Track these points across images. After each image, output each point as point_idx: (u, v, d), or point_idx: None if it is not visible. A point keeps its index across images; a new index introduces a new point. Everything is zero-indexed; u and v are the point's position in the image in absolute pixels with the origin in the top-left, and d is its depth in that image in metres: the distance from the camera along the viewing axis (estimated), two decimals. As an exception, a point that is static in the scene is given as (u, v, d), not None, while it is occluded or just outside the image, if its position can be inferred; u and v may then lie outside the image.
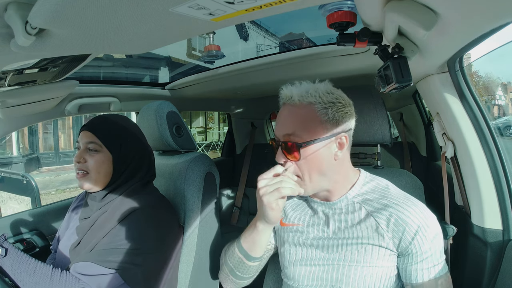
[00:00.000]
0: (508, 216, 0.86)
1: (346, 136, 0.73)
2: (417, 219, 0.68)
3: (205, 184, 1.08)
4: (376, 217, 0.71)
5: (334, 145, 0.72)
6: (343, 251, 0.73)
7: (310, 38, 4.95)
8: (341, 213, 0.76)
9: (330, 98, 0.71)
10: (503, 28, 0.54)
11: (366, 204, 0.74)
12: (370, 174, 0.82)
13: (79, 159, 0.89)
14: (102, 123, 0.93)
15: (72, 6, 0.44)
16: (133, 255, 0.81)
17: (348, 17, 0.68)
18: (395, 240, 0.69)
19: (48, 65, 0.85)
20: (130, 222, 0.84)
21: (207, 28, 0.61)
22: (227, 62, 1.45)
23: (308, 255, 0.78)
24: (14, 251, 0.76)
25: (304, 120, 0.70)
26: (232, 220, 2.27)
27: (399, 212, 0.69)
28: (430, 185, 1.59)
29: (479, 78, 12.34)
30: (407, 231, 0.67)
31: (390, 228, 0.69)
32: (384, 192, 0.76)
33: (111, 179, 0.91)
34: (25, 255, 0.77)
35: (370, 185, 0.78)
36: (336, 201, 0.77)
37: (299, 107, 0.71)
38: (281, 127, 0.73)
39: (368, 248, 0.70)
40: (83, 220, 0.92)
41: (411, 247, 0.67)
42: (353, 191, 0.77)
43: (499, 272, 0.84)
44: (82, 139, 0.91)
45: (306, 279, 0.77)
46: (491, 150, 0.87)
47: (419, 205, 0.71)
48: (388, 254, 0.70)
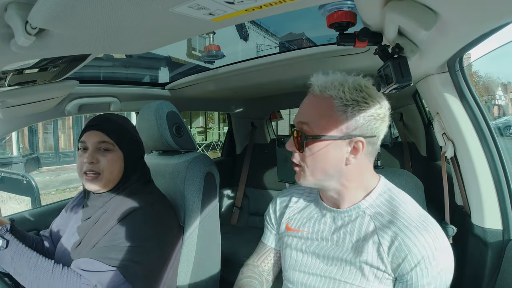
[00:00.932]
0: (508, 216, 0.86)
1: (363, 142, 0.64)
2: (424, 249, 0.60)
3: (205, 184, 1.08)
4: (380, 236, 0.64)
5: (348, 148, 0.65)
6: (341, 266, 0.68)
7: (310, 38, 4.94)
8: (349, 223, 0.70)
9: (355, 95, 0.63)
10: (503, 28, 0.54)
11: (376, 219, 0.67)
12: (390, 183, 0.74)
13: (92, 159, 0.86)
14: (109, 122, 0.91)
15: (72, 6, 0.44)
16: (133, 253, 0.81)
17: (348, 17, 0.68)
18: (394, 264, 0.63)
19: (48, 65, 0.85)
20: (131, 221, 0.84)
21: (207, 28, 0.61)
22: (227, 62, 1.45)
23: (308, 262, 0.74)
24: (15, 243, 0.75)
25: (319, 112, 0.65)
26: (232, 220, 2.27)
27: (406, 237, 0.61)
28: (430, 185, 1.59)
29: (479, 78, 12.35)
30: (408, 259, 0.60)
31: (392, 252, 0.62)
32: (397, 209, 0.67)
33: (122, 178, 0.91)
34: (27, 249, 0.76)
35: (387, 196, 0.70)
36: (346, 209, 0.71)
37: (319, 97, 0.66)
38: (298, 114, 0.69)
39: (365, 269, 0.65)
40: (84, 222, 0.91)
41: (408, 277, 0.61)
42: (367, 200, 0.69)
43: (499, 272, 0.84)
44: (90, 139, 0.88)
45: (304, 286, 0.74)
46: (491, 150, 0.87)
47: (432, 233, 0.62)
48: (386, 278, 0.64)
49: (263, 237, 0.91)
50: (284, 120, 7.68)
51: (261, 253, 0.89)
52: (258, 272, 0.86)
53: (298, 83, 1.49)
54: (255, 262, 0.89)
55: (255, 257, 0.90)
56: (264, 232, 0.91)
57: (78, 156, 0.90)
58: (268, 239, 0.89)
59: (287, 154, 1.09)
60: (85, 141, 0.88)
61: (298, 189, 0.86)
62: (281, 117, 2.61)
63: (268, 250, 0.89)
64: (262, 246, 0.90)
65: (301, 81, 0.76)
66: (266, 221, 0.90)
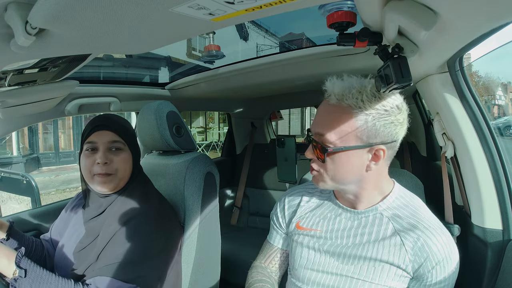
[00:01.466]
0: (508, 216, 0.86)
1: (384, 150, 0.64)
2: (443, 250, 0.65)
3: (205, 184, 1.08)
4: (403, 237, 0.67)
5: (369, 155, 0.65)
6: (359, 265, 0.69)
7: (310, 38, 4.94)
8: (366, 225, 0.71)
9: (375, 104, 0.62)
10: (503, 28, 0.54)
11: (395, 221, 0.70)
12: (402, 187, 0.76)
13: (105, 159, 0.84)
14: (117, 122, 0.90)
15: (72, 6, 0.44)
16: (147, 263, 0.80)
17: (348, 17, 0.68)
18: (415, 264, 0.66)
19: (48, 65, 0.84)
20: (137, 226, 0.83)
21: (207, 28, 0.60)
22: (227, 62, 1.45)
23: (322, 261, 0.74)
24: (33, 270, 0.70)
25: (338, 123, 0.64)
26: (232, 220, 2.27)
27: (428, 238, 0.66)
28: (430, 185, 1.59)
29: (479, 78, 12.36)
30: (430, 258, 0.65)
31: (414, 251, 0.66)
32: (416, 212, 0.71)
33: (130, 179, 0.90)
34: (45, 273, 0.72)
35: (403, 200, 0.73)
36: (364, 210, 0.72)
37: (336, 107, 0.64)
38: (316, 124, 0.68)
39: (385, 267, 0.67)
40: (88, 224, 0.90)
41: (428, 275, 0.66)
42: (384, 203, 0.71)
43: (499, 272, 0.84)
44: (101, 138, 0.85)
45: (316, 284, 0.74)
46: (491, 150, 0.87)
47: (447, 235, 0.68)
48: (404, 276, 0.67)
49: (269, 237, 0.90)
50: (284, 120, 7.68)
51: (268, 254, 0.88)
52: (268, 274, 0.85)
53: (298, 83, 1.49)
54: (263, 263, 0.88)
55: (262, 258, 0.89)
56: (270, 232, 0.90)
57: (85, 157, 0.86)
58: (274, 239, 0.88)
59: (287, 154, 1.09)
60: (96, 141, 0.86)
61: (308, 188, 0.86)
62: (281, 117, 2.61)
63: (275, 251, 0.88)
64: (268, 246, 0.89)
65: (301, 81, 0.76)
66: (272, 221, 0.89)
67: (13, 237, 0.91)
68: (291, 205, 0.85)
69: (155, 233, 0.85)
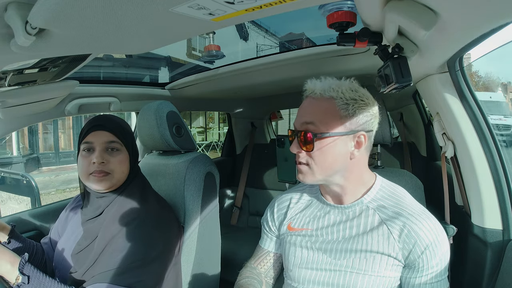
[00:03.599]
0: (508, 216, 0.86)
1: (365, 135, 0.71)
2: (430, 234, 0.67)
3: (205, 184, 1.08)
4: (389, 226, 0.70)
5: (352, 142, 0.70)
6: (351, 258, 0.72)
7: (310, 38, 4.94)
8: (354, 218, 0.75)
9: (353, 95, 0.70)
10: (503, 28, 0.54)
11: (380, 211, 0.73)
12: (384, 179, 0.80)
13: (102, 159, 0.84)
14: (115, 123, 0.90)
15: (72, 6, 0.44)
16: (146, 267, 0.80)
17: (348, 17, 0.68)
18: (405, 251, 0.68)
19: (48, 65, 0.84)
20: (135, 230, 0.82)
21: (207, 28, 0.61)
22: (227, 62, 1.45)
23: (315, 258, 0.76)
24: (35, 276, 0.71)
25: (323, 112, 0.70)
26: (232, 220, 2.27)
27: (413, 224, 0.68)
28: (430, 185, 1.59)
29: (479, 78, 12.35)
30: (418, 244, 0.67)
31: (402, 239, 0.68)
32: (400, 201, 0.74)
33: (126, 179, 0.90)
34: (48, 279, 0.72)
35: (387, 191, 0.76)
36: (350, 204, 0.75)
37: (320, 99, 0.71)
38: (300, 116, 0.73)
39: (377, 257, 0.69)
40: (86, 225, 0.89)
41: (419, 260, 0.67)
42: (368, 195, 0.75)
43: (499, 272, 0.84)
44: (98, 139, 0.85)
45: (311, 283, 0.76)
46: (491, 150, 0.87)
47: (432, 220, 0.70)
48: (396, 264, 0.69)
49: (260, 240, 0.93)
50: (284, 120, 7.67)
51: (258, 256, 0.91)
52: (257, 273, 0.87)
53: (298, 83, 1.48)
54: (252, 264, 0.91)
55: (252, 260, 0.92)
56: (261, 237, 0.93)
57: (82, 157, 0.86)
58: (264, 243, 0.91)
59: (287, 154, 1.09)
60: (92, 141, 0.85)
61: (296, 191, 0.88)
62: (281, 117, 2.61)
63: (265, 253, 0.90)
64: (259, 249, 0.93)
65: (301, 81, 0.77)
66: (263, 226, 0.92)
67: (14, 241, 0.91)
68: (280, 208, 0.88)
69: (153, 237, 0.84)
